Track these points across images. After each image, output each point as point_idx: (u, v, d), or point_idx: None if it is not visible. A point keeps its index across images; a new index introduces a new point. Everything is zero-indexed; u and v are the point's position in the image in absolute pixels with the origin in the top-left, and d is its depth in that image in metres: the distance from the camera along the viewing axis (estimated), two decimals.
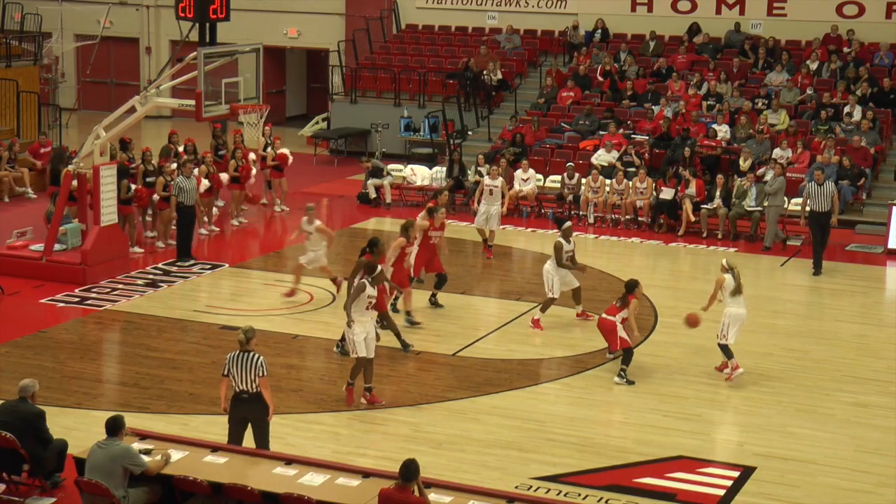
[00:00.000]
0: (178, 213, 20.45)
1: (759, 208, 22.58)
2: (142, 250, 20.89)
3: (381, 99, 31.01)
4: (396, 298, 17.28)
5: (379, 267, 14.64)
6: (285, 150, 24.62)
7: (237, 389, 11.68)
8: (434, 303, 17.94)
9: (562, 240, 17.14)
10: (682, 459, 12.73)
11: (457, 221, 23.62)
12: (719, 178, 23.25)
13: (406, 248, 16.97)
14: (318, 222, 18.16)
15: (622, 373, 15.00)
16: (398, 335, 15.86)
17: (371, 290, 14.06)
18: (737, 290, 15.13)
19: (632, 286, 15.21)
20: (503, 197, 21.41)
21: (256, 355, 11.66)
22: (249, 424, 11.78)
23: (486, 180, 21.34)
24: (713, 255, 21.82)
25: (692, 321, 15.47)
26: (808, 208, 20.91)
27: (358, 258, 15.55)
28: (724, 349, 15.20)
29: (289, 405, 13.85)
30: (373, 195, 25.31)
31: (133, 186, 20.86)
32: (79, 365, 15.28)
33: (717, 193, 23.17)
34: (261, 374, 11.61)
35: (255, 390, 11.63)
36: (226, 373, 11.74)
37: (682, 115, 26.42)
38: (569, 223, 17.62)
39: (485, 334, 16.83)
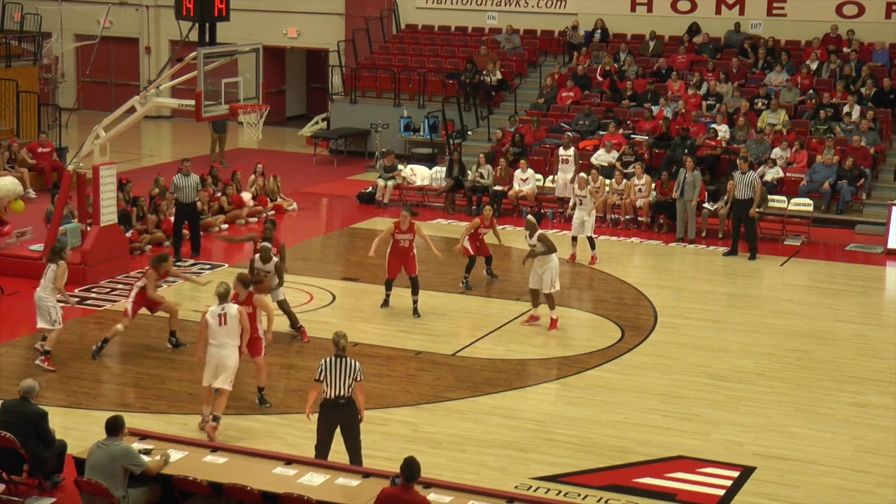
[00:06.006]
0: (176, 210, 20.63)
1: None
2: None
3: (380, 99, 31.00)
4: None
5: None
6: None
7: (332, 395, 11.42)
8: (466, 284, 18.83)
9: None
10: (682, 459, 12.72)
11: (456, 221, 23.72)
12: None
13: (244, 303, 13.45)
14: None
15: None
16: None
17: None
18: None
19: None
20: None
21: (353, 360, 11.53)
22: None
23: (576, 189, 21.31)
24: (713, 255, 21.83)
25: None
26: (733, 196, 21.61)
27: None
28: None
29: (288, 405, 13.85)
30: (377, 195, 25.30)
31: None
32: (79, 365, 15.26)
33: None
34: (357, 379, 11.46)
35: (350, 394, 11.47)
36: (320, 378, 11.48)
37: (681, 115, 26.42)
38: None
39: (485, 334, 16.82)
